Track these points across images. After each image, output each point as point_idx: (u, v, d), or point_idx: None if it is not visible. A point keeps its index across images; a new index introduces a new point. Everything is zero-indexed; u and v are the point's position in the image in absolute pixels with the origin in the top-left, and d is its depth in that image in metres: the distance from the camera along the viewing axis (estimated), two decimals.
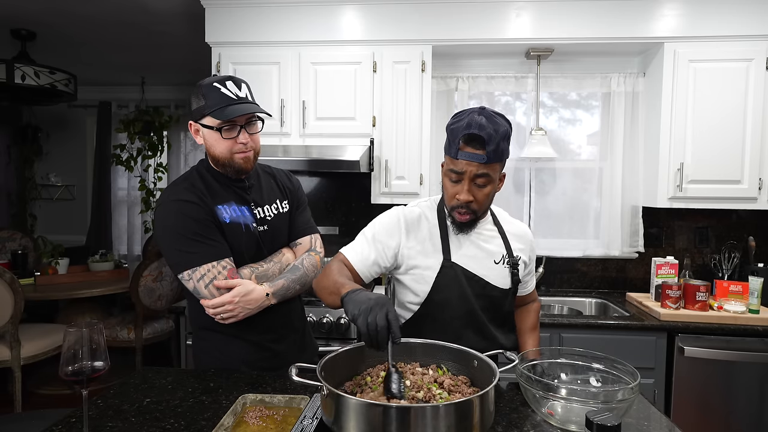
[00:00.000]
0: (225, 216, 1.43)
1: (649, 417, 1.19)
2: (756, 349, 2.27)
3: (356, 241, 1.44)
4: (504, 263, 1.43)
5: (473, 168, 1.27)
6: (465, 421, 0.91)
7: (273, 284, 1.43)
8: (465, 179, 1.29)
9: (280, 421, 1.11)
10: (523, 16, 2.64)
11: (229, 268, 1.38)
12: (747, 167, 2.54)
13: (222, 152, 1.40)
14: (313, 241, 1.60)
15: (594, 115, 3.03)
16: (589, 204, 3.01)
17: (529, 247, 1.52)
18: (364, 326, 1.01)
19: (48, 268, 3.58)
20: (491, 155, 1.25)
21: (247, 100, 1.41)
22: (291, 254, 1.57)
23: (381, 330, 1.00)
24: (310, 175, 3.09)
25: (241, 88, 1.41)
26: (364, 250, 1.40)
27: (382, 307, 1.02)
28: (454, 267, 1.39)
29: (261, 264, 1.48)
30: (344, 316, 2.44)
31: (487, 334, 1.41)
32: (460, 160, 1.27)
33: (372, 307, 1.02)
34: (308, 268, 1.51)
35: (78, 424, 1.10)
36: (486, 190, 1.31)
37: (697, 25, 2.56)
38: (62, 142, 4.99)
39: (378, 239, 1.40)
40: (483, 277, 1.40)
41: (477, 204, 1.32)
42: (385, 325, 1.00)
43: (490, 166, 1.27)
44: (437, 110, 2.94)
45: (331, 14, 2.69)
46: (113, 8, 2.94)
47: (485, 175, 1.28)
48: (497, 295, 1.42)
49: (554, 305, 2.83)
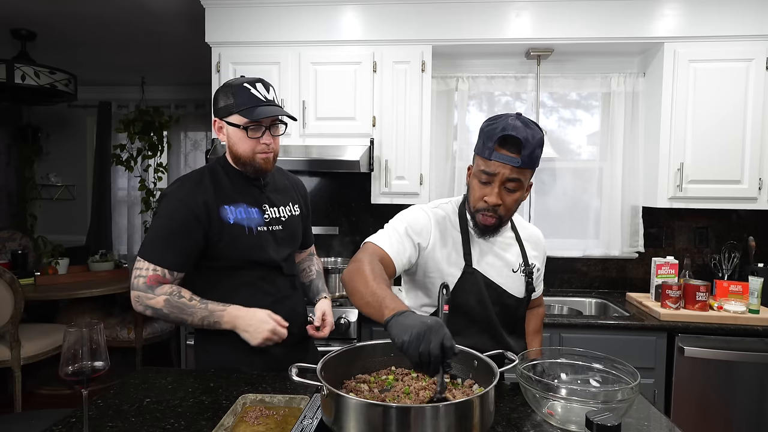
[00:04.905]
0: (230, 217, 1.44)
1: (649, 417, 1.19)
2: (756, 349, 2.27)
3: (388, 232, 1.34)
4: (521, 272, 1.43)
5: (506, 171, 1.25)
6: (465, 421, 0.91)
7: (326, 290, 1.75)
8: (496, 181, 1.27)
9: (280, 421, 1.11)
10: (523, 16, 2.64)
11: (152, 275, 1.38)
12: (747, 167, 2.54)
13: (245, 151, 1.43)
14: (313, 247, 1.85)
15: (594, 115, 3.03)
16: (589, 204, 3.01)
17: (542, 253, 1.52)
18: (416, 356, 0.90)
19: (48, 268, 3.57)
20: (525, 160, 1.24)
21: (275, 102, 1.45)
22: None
23: (435, 360, 0.90)
24: (310, 175, 3.09)
25: (269, 91, 1.45)
26: (402, 242, 1.32)
27: (437, 333, 0.90)
28: (475, 273, 1.38)
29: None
30: (344, 316, 2.44)
31: (500, 339, 1.41)
32: (494, 161, 1.25)
33: (425, 332, 0.90)
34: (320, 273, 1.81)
35: (78, 424, 1.10)
36: (515, 196, 1.30)
37: (697, 25, 2.56)
38: (62, 142, 4.99)
39: (409, 234, 1.34)
40: (501, 285, 1.40)
41: (504, 209, 1.30)
42: (439, 354, 0.89)
43: (522, 171, 1.26)
44: (437, 110, 2.94)
45: (331, 14, 2.69)
46: (113, 8, 2.93)
47: (516, 180, 1.27)
48: (512, 303, 1.42)
49: (554, 305, 2.83)
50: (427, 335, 0.90)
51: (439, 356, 0.89)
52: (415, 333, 0.91)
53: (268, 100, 1.42)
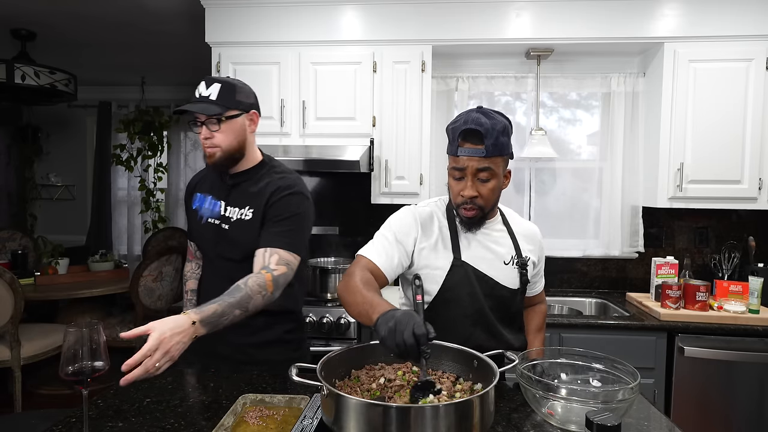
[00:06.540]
0: (195, 202, 1.62)
1: (649, 417, 1.19)
2: (756, 349, 2.27)
3: (376, 242, 1.41)
4: (513, 264, 1.44)
5: (474, 163, 1.29)
6: (465, 421, 0.91)
7: (201, 310, 1.21)
8: (467, 175, 1.31)
9: (280, 421, 1.11)
10: (523, 16, 2.64)
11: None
12: (747, 167, 2.54)
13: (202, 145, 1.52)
14: (267, 256, 1.41)
15: (594, 115, 3.03)
16: (589, 204, 3.01)
17: (539, 247, 1.53)
18: (394, 347, 0.99)
19: (48, 268, 3.58)
20: (490, 148, 1.28)
21: (208, 99, 1.44)
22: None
23: (410, 347, 0.98)
24: (310, 175, 3.09)
25: (210, 87, 1.45)
26: (389, 251, 1.38)
27: (408, 324, 0.99)
28: (465, 266, 1.39)
29: None
30: (344, 316, 2.45)
31: (495, 333, 1.41)
32: (461, 157, 1.31)
33: (396, 325, 1.00)
34: (253, 289, 1.32)
35: (78, 424, 1.10)
36: (490, 185, 1.33)
37: (697, 25, 2.55)
38: (62, 142, 4.99)
39: (399, 239, 1.40)
40: (492, 277, 1.41)
41: (482, 199, 1.33)
42: (413, 342, 0.98)
43: (490, 159, 1.29)
44: (437, 110, 2.94)
45: (331, 14, 2.69)
46: (113, 8, 2.94)
47: (487, 169, 1.30)
48: (506, 295, 1.43)
49: (554, 305, 2.83)
50: (399, 327, 0.99)
51: (413, 344, 0.98)
52: (389, 327, 1.00)
53: (202, 97, 1.45)
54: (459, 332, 1.33)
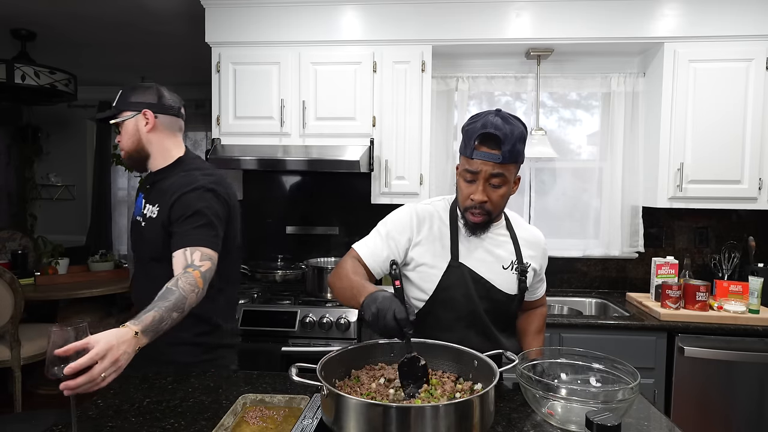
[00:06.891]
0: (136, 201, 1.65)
1: (649, 417, 1.19)
2: (756, 349, 2.27)
3: (370, 236, 1.46)
4: (512, 269, 1.42)
5: (488, 167, 1.27)
6: (465, 421, 0.91)
7: (139, 320, 1.14)
8: (480, 179, 1.29)
9: (280, 421, 1.11)
10: (523, 16, 2.64)
11: None
12: (747, 167, 2.54)
13: None
14: (189, 254, 1.38)
15: (594, 115, 3.03)
16: (589, 204, 3.01)
17: (541, 255, 1.50)
18: (379, 331, 1.09)
19: (48, 268, 3.58)
20: (506, 155, 1.26)
21: (110, 105, 1.62)
22: None
23: (393, 329, 1.06)
24: (311, 175, 3.09)
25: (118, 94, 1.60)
26: (377, 246, 1.41)
27: (388, 310, 1.06)
28: (461, 267, 1.39)
29: None
30: (344, 316, 2.45)
31: (490, 336, 1.41)
32: (476, 160, 1.28)
33: (377, 312, 1.07)
34: (185, 289, 1.28)
35: (78, 424, 1.10)
36: (501, 191, 1.32)
37: (697, 25, 2.55)
38: (62, 142, 4.99)
39: (391, 236, 1.41)
40: (489, 281, 1.40)
41: (491, 205, 1.32)
42: (395, 325, 1.05)
43: (505, 166, 1.28)
44: (437, 110, 2.94)
45: (331, 14, 2.69)
46: (113, 8, 2.93)
47: (500, 176, 1.29)
48: (502, 299, 1.41)
49: (554, 305, 2.83)
50: (381, 313, 1.07)
51: (395, 327, 1.06)
52: (372, 312, 1.08)
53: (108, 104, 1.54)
54: (453, 333, 1.32)
